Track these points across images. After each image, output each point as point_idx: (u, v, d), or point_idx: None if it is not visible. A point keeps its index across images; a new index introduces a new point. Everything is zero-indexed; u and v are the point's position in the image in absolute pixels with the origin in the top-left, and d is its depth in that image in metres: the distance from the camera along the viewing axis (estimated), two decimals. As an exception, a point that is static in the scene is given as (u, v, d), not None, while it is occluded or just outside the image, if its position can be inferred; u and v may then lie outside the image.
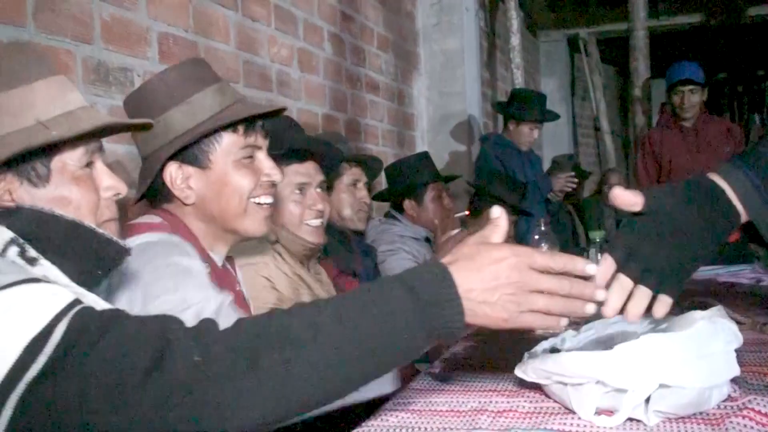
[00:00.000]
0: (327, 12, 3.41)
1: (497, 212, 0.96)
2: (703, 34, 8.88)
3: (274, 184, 1.49)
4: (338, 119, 3.48)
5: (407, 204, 3.20)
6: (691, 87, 4.05)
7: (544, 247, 1.94)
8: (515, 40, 5.09)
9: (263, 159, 1.47)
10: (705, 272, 2.91)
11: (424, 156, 3.38)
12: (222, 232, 1.47)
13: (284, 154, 1.91)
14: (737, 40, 9.44)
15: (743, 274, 2.77)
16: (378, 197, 3.44)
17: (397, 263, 2.89)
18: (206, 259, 1.42)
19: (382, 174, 3.19)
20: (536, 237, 1.96)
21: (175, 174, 1.41)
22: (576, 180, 4.44)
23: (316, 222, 1.99)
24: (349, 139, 2.78)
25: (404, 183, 3.21)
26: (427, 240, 3.16)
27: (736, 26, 8.37)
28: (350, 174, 2.67)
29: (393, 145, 4.22)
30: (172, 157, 1.40)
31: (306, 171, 1.99)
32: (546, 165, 7.10)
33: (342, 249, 2.46)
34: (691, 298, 1.90)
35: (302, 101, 3.13)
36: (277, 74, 2.93)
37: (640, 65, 4.30)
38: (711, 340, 0.97)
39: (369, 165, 2.82)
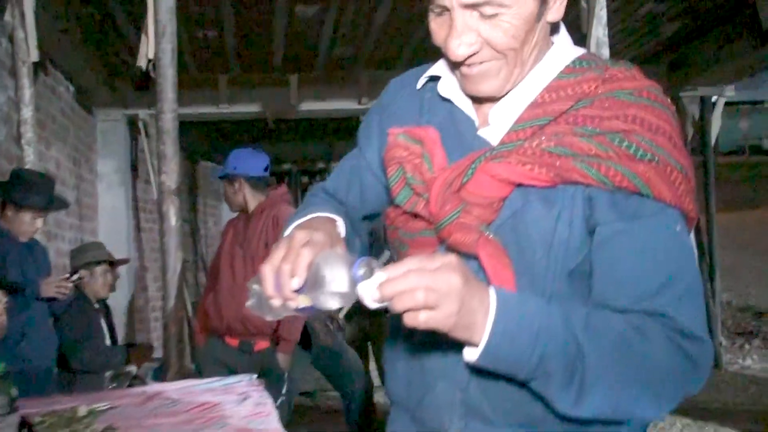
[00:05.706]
0: None
1: None
2: (264, 123, 9.17)
3: None
4: None
5: None
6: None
7: None
8: (27, 113, 4.34)
9: None
10: (198, 386, 2.57)
11: None
12: None
13: None
14: (294, 132, 9.99)
15: (233, 389, 2.48)
16: None
17: None
18: None
19: None
20: None
21: None
22: (70, 285, 3.79)
23: None
24: None
25: None
26: None
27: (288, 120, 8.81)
28: None
29: None
30: None
31: None
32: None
33: None
34: None
35: None
36: None
37: (168, 149, 3.96)
38: None
39: None
